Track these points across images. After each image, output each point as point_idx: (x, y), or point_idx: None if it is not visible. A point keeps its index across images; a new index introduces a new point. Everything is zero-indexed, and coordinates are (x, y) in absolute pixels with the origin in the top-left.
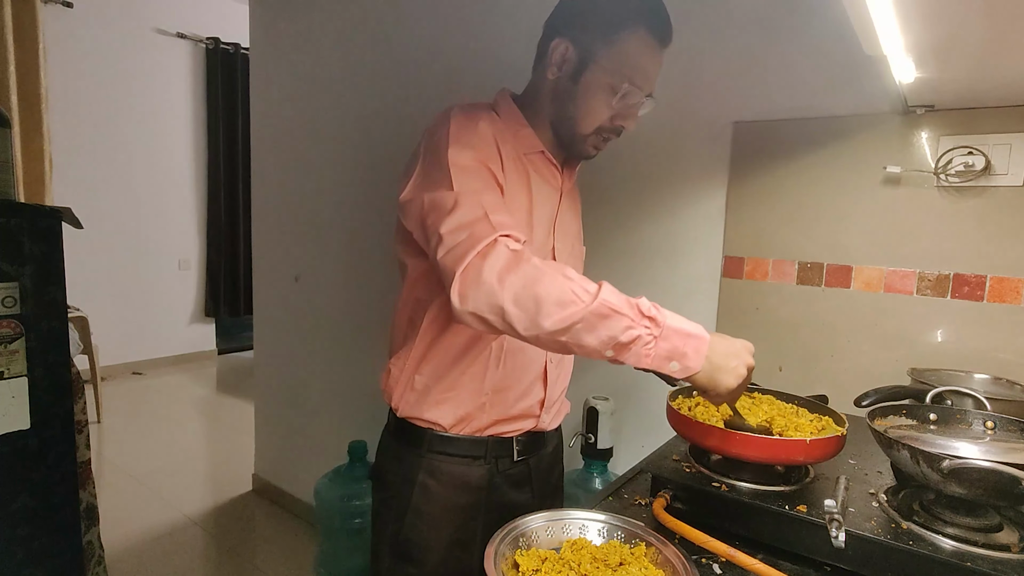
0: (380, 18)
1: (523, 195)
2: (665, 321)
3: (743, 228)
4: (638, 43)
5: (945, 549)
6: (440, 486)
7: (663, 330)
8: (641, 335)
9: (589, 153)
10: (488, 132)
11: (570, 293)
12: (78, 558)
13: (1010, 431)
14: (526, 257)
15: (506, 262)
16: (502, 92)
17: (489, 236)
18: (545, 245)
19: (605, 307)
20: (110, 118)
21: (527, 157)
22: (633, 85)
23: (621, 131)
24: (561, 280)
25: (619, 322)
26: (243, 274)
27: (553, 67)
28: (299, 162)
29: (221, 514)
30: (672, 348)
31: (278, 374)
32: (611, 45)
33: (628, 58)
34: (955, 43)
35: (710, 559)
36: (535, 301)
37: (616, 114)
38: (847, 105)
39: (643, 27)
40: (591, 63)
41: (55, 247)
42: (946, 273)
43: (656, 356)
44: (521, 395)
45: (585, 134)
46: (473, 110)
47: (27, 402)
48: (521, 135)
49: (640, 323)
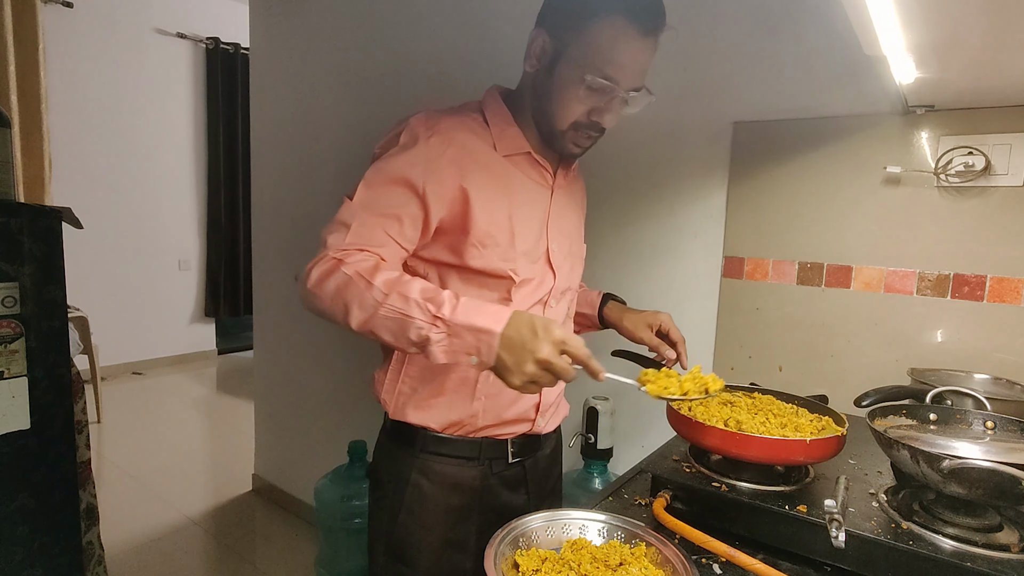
0: (380, 18)
1: (501, 200)
2: (455, 319)
3: (743, 228)
4: (613, 32)
5: (945, 549)
6: (433, 486)
7: (451, 328)
8: (431, 335)
9: (571, 151)
10: (437, 147)
11: (369, 298)
12: (78, 558)
13: (1010, 431)
14: (346, 267)
15: (323, 272)
16: (491, 90)
17: (330, 251)
18: (536, 247)
19: (393, 311)
20: (110, 118)
21: (511, 159)
22: (605, 78)
23: (601, 128)
24: (363, 287)
25: (408, 324)
26: (243, 274)
27: (532, 59)
28: (299, 162)
29: (221, 514)
30: (465, 344)
31: (278, 374)
32: (582, 35)
33: (601, 49)
34: (955, 43)
35: (710, 559)
36: (344, 305)
37: (592, 109)
38: (847, 105)
39: (620, 14)
40: (563, 54)
41: (55, 247)
42: (946, 273)
43: (451, 352)
44: (514, 399)
45: (562, 130)
46: (437, 120)
47: (27, 402)
48: (507, 135)
49: (428, 324)
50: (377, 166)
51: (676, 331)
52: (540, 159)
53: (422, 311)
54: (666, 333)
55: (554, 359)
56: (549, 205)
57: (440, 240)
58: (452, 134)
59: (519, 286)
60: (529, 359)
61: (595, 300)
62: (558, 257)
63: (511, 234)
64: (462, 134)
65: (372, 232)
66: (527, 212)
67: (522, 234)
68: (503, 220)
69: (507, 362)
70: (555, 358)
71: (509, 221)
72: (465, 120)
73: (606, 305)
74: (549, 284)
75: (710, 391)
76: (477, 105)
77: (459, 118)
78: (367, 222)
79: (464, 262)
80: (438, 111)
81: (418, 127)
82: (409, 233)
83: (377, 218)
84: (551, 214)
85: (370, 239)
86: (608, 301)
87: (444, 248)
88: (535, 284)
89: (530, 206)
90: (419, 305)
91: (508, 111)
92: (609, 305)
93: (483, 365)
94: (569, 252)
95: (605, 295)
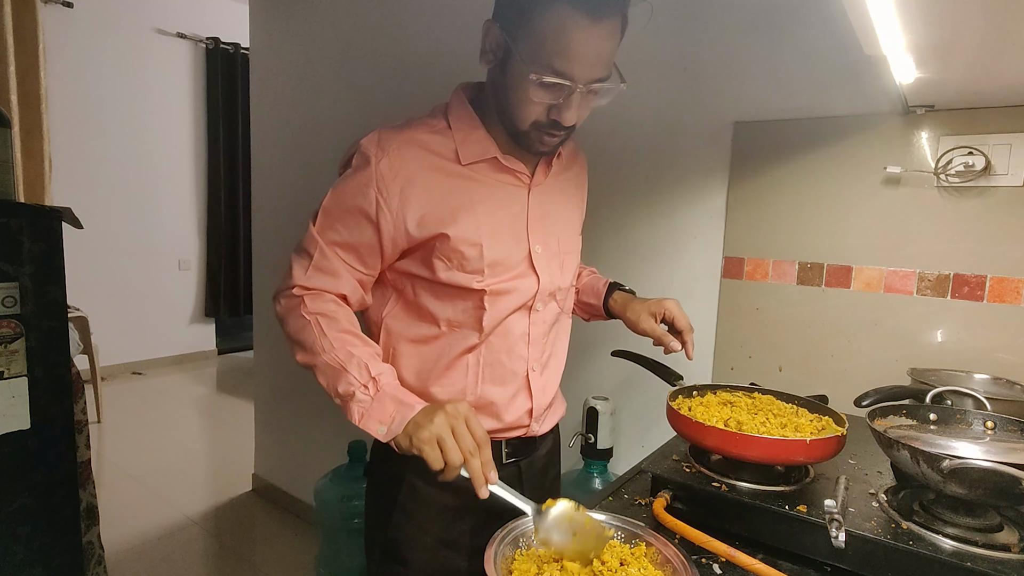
0: (380, 18)
1: (463, 213)
2: (385, 388)
3: (743, 228)
4: (556, 21)
5: (945, 549)
6: (427, 486)
7: (379, 393)
8: (356, 392)
9: (539, 149)
10: (388, 169)
11: (319, 345)
12: (78, 558)
13: (1010, 431)
14: (305, 310)
15: (287, 307)
16: (457, 91)
17: (295, 284)
18: (514, 253)
19: (335, 361)
20: (110, 118)
21: (474, 167)
22: (556, 73)
23: (563, 127)
24: (317, 333)
25: (341, 376)
26: (243, 274)
27: (488, 54)
28: (299, 162)
29: (221, 514)
30: (383, 411)
31: (278, 374)
32: (528, 27)
33: (547, 42)
34: (955, 43)
35: (710, 559)
36: (298, 343)
37: (551, 107)
38: (847, 105)
39: (564, 2)
40: (513, 51)
41: (55, 247)
42: (946, 273)
43: (367, 415)
44: (507, 406)
45: (523, 130)
46: (389, 139)
47: (27, 402)
48: (470, 141)
49: (360, 384)
50: (333, 191)
51: (683, 318)
52: (509, 162)
53: (360, 370)
54: (671, 321)
55: (459, 421)
56: (527, 206)
57: (411, 255)
58: (403, 152)
59: (492, 296)
60: (439, 414)
61: (601, 290)
62: (543, 259)
63: (479, 247)
64: (414, 152)
65: (331, 265)
66: (498, 220)
67: (492, 245)
68: (467, 235)
69: (417, 419)
70: (460, 421)
71: (475, 234)
72: (419, 135)
73: (611, 295)
74: (532, 289)
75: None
76: (443, 109)
77: (412, 134)
78: (326, 253)
79: (433, 276)
80: (392, 128)
81: (369, 149)
82: (369, 261)
83: (336, 248)
84: (531, 215)
85: (329, 275)
86: (614, 291)
87: (416, 262)
88: (513, 291)
89: (502, 212)
90: (359, 365)
91: (474, 113)
92: (615, 295)
93: (388, 434)
94: (558, 250)
95: (611, 284)
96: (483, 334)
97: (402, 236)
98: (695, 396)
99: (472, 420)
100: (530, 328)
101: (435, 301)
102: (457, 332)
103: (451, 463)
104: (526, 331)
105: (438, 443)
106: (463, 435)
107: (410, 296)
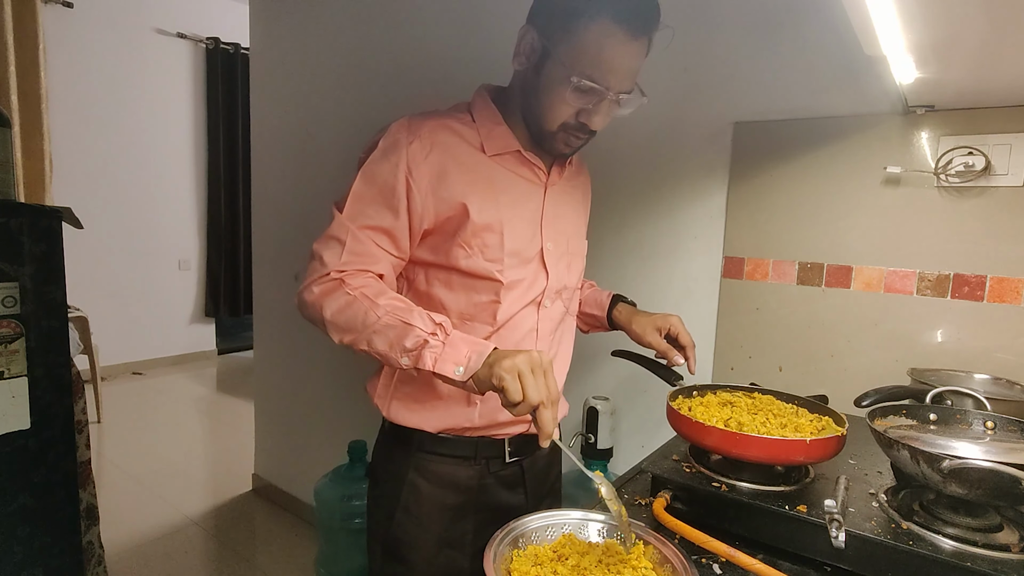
0: (380, 18)
1: (487, 201)
2: (453, 333)
3: (743, 228)
4: (599, 34)
5: (945, 549)
6: (430, 485)
7: (449, 338)
8: (428, 340)
9: (561, 150)
10: (419, 151)
11: (372, 316)
12: (78, 558)
13: (1010, 431)
14: (348, 288)
15: (325, 290)
16: (480, 90)
17: (330, 269)
18: (529, 247)
19: (396, 320)
20: (110, 118)
21: (499, 159)
22: (593, 80)
23: (589, 130)
24: (367, 305)
25: (408, 331)
26: (243, 274)
27: (521, 56)
28: (299, 162)
29: (221, 514)
30: (456, 353)
31: (278, 374)
32: (569, 35)
33: (588, 51)
34: (955, 43)
35: (710, 559)
36: (345, 322)
37: (580, 111)
38: (847, 105)
39: (607, 16)
40: (551, 54)
41: (55, 247)
42: (946, 273)
43: (443, 359)
44: None
45: (551, 131)
46: (419, 124)
47: (27, 402)
48: (495, 134)
49: (428, 333)
50: (362, 175)
51: (686, 335)
52: (530, 157)
53: (423, 321)
54: (675, 337)
55: (540, 367)
56: (543, 203)
57: (428, 241)
58: (433, 137)
59: (507, 288)
60: (523, 353)
61: (604, 302)
62: (553, 256)
63: (500, 235)
64: (444, 136)
65: (366, 248)
66: (518, 212)
67: (512, 234)
68: (490, 221)
69: (501, 352)
70: (541, 368)
71: (497, 222)
72: (449, 122)
73: (615, 307)
74: (541, 285)
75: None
76: (466, 106)
77: (442, 120)
78: (359, 237)
79: (451, 263)
80: (421, 115)
81: (399, 132)
82: (401, 244)
83: (368, 232)
84: (546, 212)
85: (365, 257)
86: (617, 303)
87: (431, 249)
88: (525, 286)
89: (521, 205)
90: (421, 316)
91: (497, 110)
92: (619, 307)
93: (467, 373)
94: (566, 251)
95: (615, 297)
96: (495, 327)
97: (430, 214)
98: (695, 396)
99: (551, 372)
100: (539, 324)
101: (448, 292)
102: (468, 326)
103: (529, 398)
104: (535, 326)
105: (519, 377)
106: (544, 380)
107: (422, 287)
